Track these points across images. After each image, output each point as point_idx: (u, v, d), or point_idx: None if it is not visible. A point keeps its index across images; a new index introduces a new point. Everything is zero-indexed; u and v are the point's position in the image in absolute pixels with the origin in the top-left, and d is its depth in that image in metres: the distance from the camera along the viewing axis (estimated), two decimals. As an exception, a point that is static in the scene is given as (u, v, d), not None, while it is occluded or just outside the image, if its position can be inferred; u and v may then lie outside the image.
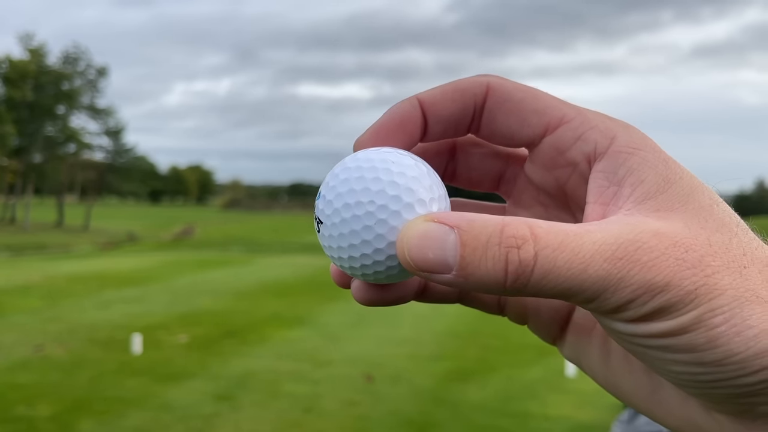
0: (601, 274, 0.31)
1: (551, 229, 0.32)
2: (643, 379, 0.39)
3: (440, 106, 0.40)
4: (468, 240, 0.32)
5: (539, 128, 0.39)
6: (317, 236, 0.39)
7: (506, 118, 0.40)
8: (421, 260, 0.33)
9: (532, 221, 0.32)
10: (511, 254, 0.31)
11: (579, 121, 0.38)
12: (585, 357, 0.42)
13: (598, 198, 0.36)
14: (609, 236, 0.32)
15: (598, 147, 0.37)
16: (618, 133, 0.37)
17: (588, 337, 0.42)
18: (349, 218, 0.36)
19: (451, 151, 0.44)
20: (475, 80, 0.40)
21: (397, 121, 0.40)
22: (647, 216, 0.34)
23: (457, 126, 0.41)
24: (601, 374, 0.41)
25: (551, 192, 0.42)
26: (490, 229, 0.32)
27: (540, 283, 0.32)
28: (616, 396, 0.41)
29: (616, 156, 0.36)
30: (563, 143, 0.39)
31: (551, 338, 0.45)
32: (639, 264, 0.31)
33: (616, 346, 0.40)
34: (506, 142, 0.41)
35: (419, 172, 0.37)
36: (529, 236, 0.32)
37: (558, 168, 0.40)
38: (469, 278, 0.32)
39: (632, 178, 0.35)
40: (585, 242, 0.32)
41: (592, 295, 0.32)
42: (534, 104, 0.39)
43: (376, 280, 0.38)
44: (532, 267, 0.31)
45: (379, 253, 0.36)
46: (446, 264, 0.32)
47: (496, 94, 0.39)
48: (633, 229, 0.32)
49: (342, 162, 0.38)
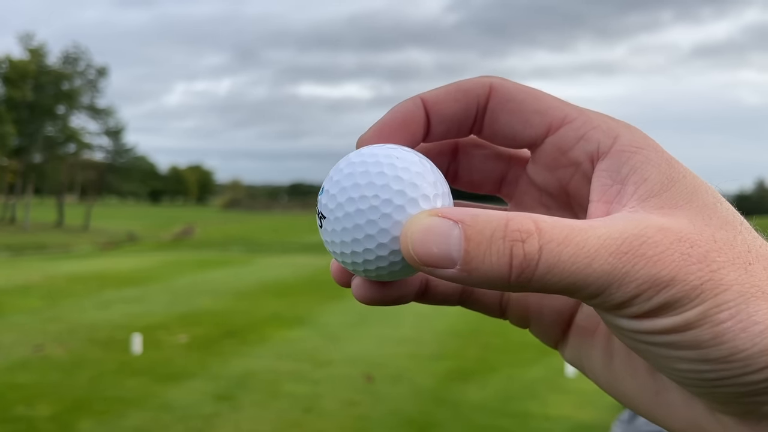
0: (606, 269, 0.31)
1: (556, 224, 0.32)
2: (646, 380, 0.38)
3: (443, 105, 0.40)
4: (472, 234, 0.32)
5: (542, 128, 0.39)
6: (319, 232, 0.38)
7: (509, 118, 0.40)
8: (424, 254, 0.33)
9: (537, 216, 0.32)
10: (515, 248, 0.31)
11: (581, 121, 0.38)
12: (587, 360, 0.42)
13: (602, 196, 0.36)
14: (614, 231, 0.32)
15: (601, 146, 0.37)
16: (621, 132, 0.37)
17: (591, 339, 0.42)
18: (353, 212, 0.36)
19: (453, 152, 0.44)
20: (478, 81, 0.40)
21: (400, 120, 0.40)
22: (651, 213, 0.33)
23: (460, 126, 0.41)
24: (603, 377, 0.41)
25: (554, 193, 0.42)
26: (494, 224, 0.32)
27: (545, 277, 0.31)
28: (618, 399, 0.41)
29: (620, 155, 0.36)
30: (566, 143, 0.39)
31: (553, 341, 0.44)
32: (644, 258, 0.31)
33: (619, 347, 0.39)
34: (508, 142, 0.41)
35: (423, 168, 0.37)
36: (534, 230, 0.31)
37: (561, 168, 0.40)
38: (473, 273, 0.32)
39: (636, 176, 0.35)
40: (590, 237, 0.31)
41: (597, 289, 0.32)
42: (536, 105, 0.39)
43: (378, 276, 0.38)
44: (537, 261, 0.31)
45: (382, 248, 0.36)
46: (450, 258, 0.32)
47: (499, 95, 0.39)
48: (638, 225, 0.32)
49: (346, 157, 0.38)
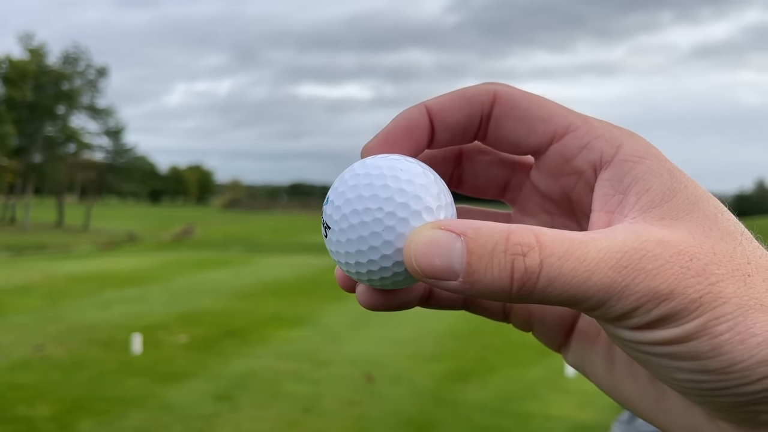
0: (606, 282, 0.32)
1: (557, 237, 0.32)
2: (647, 387, 0.39)
3: (447, 113, 0.40)
4: (474, 247, 0.32)
5: (546, 136, 0.39)
6: (324, 241, 0.39)
7: (513, 125, 0.40)
8: (427, 267, 0.33)
9: (538, 229, 0.33)
10: (516, 262, 0.32)
11: (585, 129, 0.38)
12: (589, 364, 0.43)
13: (604, 206, 0.36)
14: (614, 244, 0.32)
15: (603, 156, 0.37)
16: (623, 141, 0.37)
17: (592, 344, 0.42)
18: (357, 224, 0.36)
19: (457, 158, 0.45)
20: (482, 88, 0.40)
21: (404, 128, 0.40)
22: (652, 224, 0.34)
23: (464, 133, 0.41)
24: (605, 381, 0.41)
25: (557, 200, 0.42)
26: (496, 237, 0.32)
27: (545, 290, 0.32)
28: (620, 403, 0.41)
29: (622, 165, 0.36)
30: (569, 151, 0.39)
31: (556, 345, 0.45)
32: (644, 272, 0.32)
33: (621, 353, 0.40)
34: (513, 149, 0.42)
35: (427, 180, 0.38)
36: (535, 244, 0.32)
37: (564, 176, 0.40)
38: (475, 285, 0.32)
39: (637, 186, 0.35)
40: (590, 250, 0.32)
41: (597, 302, 0.32)
42: (540, 112, 0.39)
43: (383, 285, 0.39)
44: (538, 274, 0.32)
45: (386, 260, 0.37)
46: (453, 271, 0.32)
47: (503, 102, 0.40)
48: (638, 237, 0.33)
49: (351, 168, 0.39)
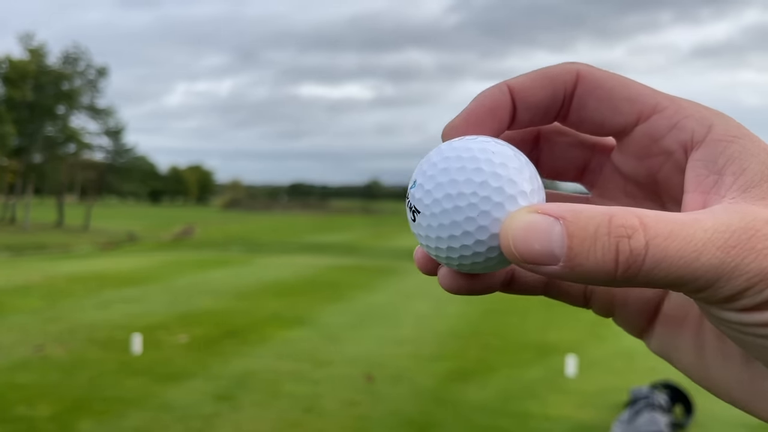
0: (715, 263, 0.31)
1: (660, 218, 0.32)
2: (741, 371, 0.37)
3: (530, 92, 0.39)
4: (575, 231, 0.31)
5: (632, 116, 0.38)
6: (410, 225, 0.38)
7: (597, 105, 0.39)
8: (526, 252, 0.32)
9: (640, 211, 0.32)
10: (621, 244, 0.31)
11: (673, 109, 0.37)
12: (675, 351, 0.41)
13: (698, 187, 0.36)
14: (720, 224, 0.32)
15: (695, 135, 0.36)
16: (715, 121, 0.36)
17: (679, 329, 0.40)
18: (451, 209, 0.35)
19: (535, 139, 0.43)
20: (565, 67, 0.39)
21: (487, 108, 0.39)
22: (754, 204, 0.33)
23: (546, 113, 0.40)
24: (693, 369, 0.40)
25: (641, 182, 0.41)
26: (597, 220, 0.31)
27: (651, 272, 0.31)
28: (710, 391, 0.40)
29: (716, 144, 0.35)
30: (657, 131, 0.38)
31: (638, 331, 0.43)
32: (754, 252, 0.31)
33: (711, 337, 0.38)
34: (596, 130, 0.41)
35: (519, 163, 0.37)
36: (639, 225, 0.31)
37: (651, 157, 0.39)
38: (576, 269, 0.32)
39: (734, 166, 0.34)
40: (696, 230, 0.31)
41: (705, 283, 0.31)
42: (626, 92, 0.38)
43: (472, 270, 0.38)
44: (644, 256, 0.31)
45: (480, 245, 0.36)
46: (553, 255, 0.32)
47: (587, 82, 0.39)
48: (744, 217, 0.32)
49: (438, 150, 0.38)
